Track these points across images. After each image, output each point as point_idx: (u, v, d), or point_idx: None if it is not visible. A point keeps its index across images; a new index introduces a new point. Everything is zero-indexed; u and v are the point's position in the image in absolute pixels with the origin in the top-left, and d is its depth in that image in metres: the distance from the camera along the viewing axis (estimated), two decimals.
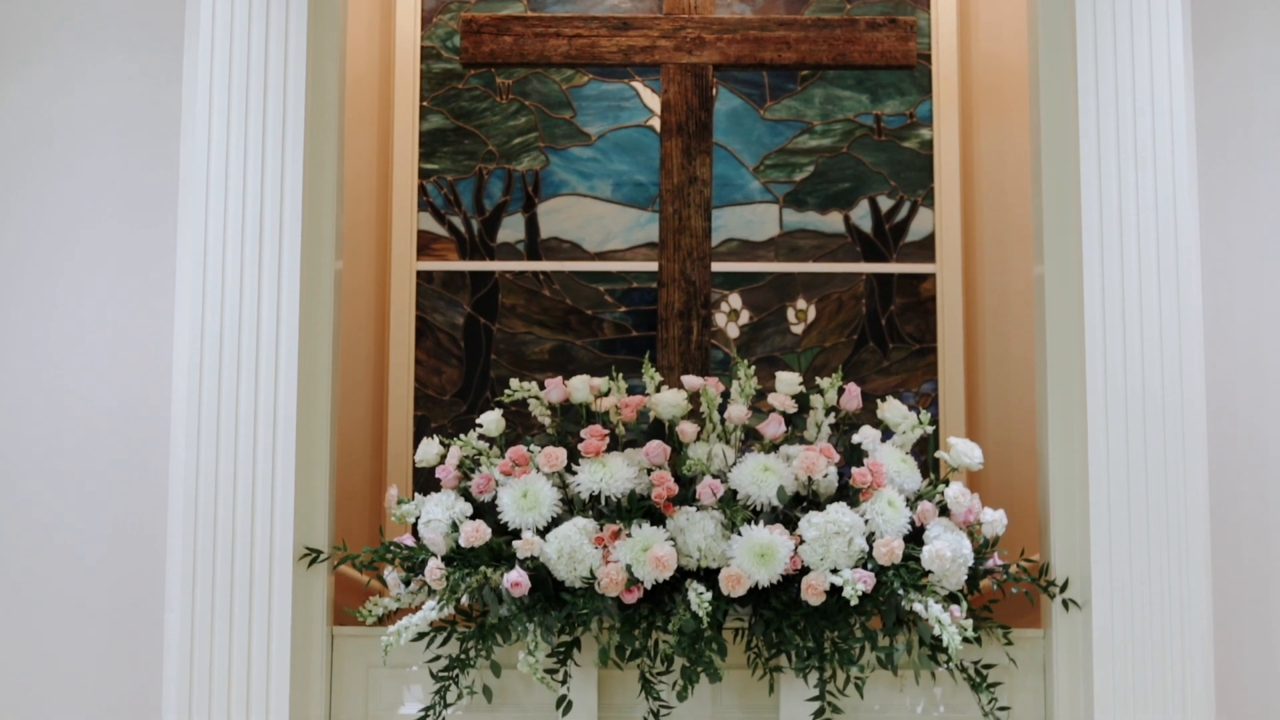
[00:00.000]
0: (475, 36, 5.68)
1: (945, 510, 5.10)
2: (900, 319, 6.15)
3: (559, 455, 5.05)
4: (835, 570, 4.91)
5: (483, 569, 4.95)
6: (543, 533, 4.97)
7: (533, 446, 5.11)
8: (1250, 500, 5.40)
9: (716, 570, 4.94)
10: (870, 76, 6.17)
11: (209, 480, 5.04)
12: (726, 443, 5.15)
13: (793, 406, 5.21)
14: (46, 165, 5.49)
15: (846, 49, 5.65)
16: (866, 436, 5.16)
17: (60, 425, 5.39)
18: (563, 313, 6.17)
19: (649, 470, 5.05)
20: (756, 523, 4.95)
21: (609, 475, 5.01)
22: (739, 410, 5.15)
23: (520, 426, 5.58)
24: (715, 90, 5.88)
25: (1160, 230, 5.13)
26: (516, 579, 4.90)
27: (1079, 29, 5.19)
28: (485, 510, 5.06)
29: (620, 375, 5.28)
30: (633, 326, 6.16)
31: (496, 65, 5.86)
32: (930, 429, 5.20)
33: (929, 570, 4.96)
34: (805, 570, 4.93)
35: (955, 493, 5.08)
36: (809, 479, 5.03)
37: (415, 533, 5.12)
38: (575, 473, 5.04)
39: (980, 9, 6.17)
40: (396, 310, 6.12)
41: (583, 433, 5.08)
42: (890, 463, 5.09)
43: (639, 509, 4.99)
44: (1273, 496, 5.40)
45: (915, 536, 5.04)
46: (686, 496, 5.03)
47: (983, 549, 5.12)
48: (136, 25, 5.53)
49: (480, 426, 5.19)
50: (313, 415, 5.15)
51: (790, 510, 5.00)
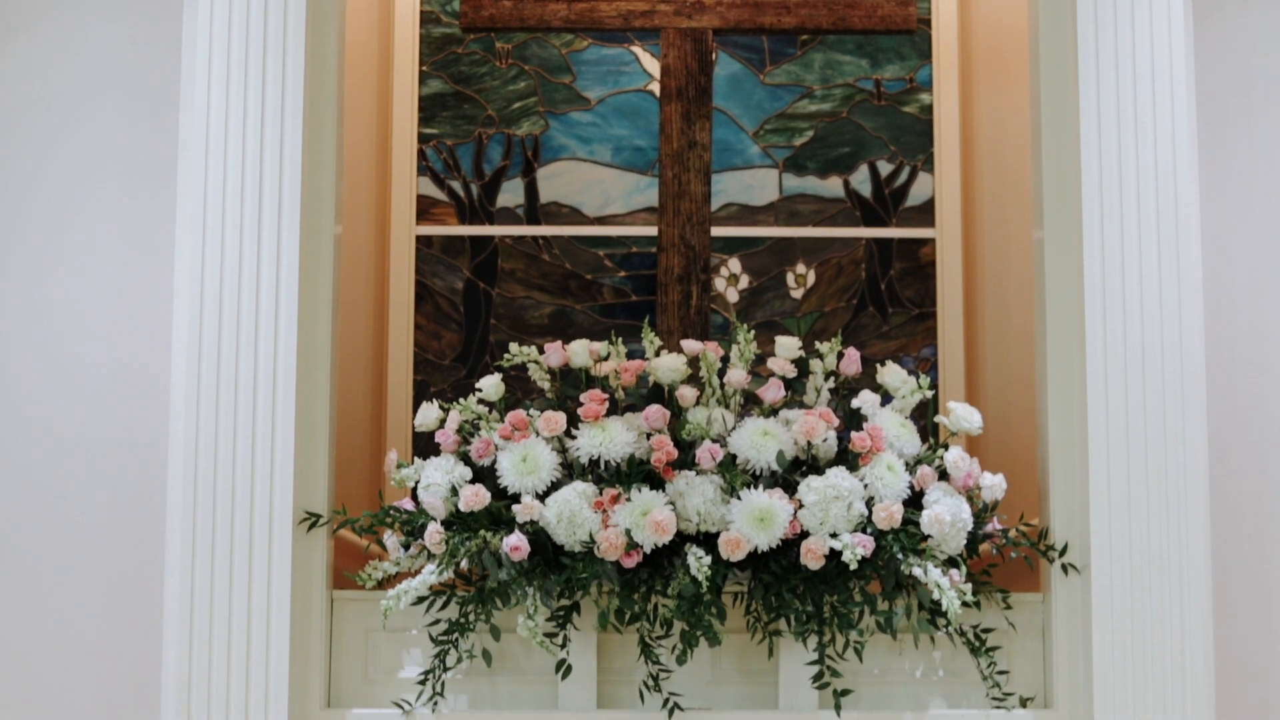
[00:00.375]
0: (475, 1, 5.67)
1: (944, 475, 5.10)
2: (900, 284, 6.14)
3: (558, 420, 5.05)
4: (834, 534, 4.92)
5: (482, 533, 4.96)
6: (542, 497, 4.98)
7: (532, 411, 5.11)
8: (1249, 464, 5.40)
9: (716, 534, 4.94)
10: (870, 41, 6.16)
11: (209, 445, 5.04)
12: (726, 407, 5.14)
13: (792, 371, 5.20)
14: (46, 133, 5.48)
15: (846, 13, 5.64)
16: (866, 401, 5.15)
17: (60, 390, 5.39)
18: (562, 277, 6.17)
19: (648, 435, 5.05)
20: (756, 487, 4.95)
21: (608, 440, 5.01)
22: (738, 375, 5.15)
23: (520, 391, 5.59)
24: (715, 55, 5.87)
25: (1160, 195, 5.13)
26: (516, 543, 4.91)
27: None
28: (485, 474, 5.06)
29: (620, 340, 5.27)
30: (632, 291, 6.16)
31: (496, 30, 5.85)
32: (929, 394, 5.20)
33: (928, 534, 4.96)
34: (804, 534, 4.94)
35: (954, 457, 5.08)
36: (808, 443, 5.03)
37: (415, 497, 5.13)
38: (575, 437, 5.04)
39: None
40: (396, 275, 6.11)
41: (582, 397, 5.08)
42: (889, 427, 5.09)
43: (638, 473, 4.99)
44: (1271, 461, 5.40)
45: (914, 501, 5.04)
46: (686, 461, 5.02)
47: (982, 513, 5.12)
48: None
49: (480, 391, 5.18)
50: (312, 380, 5.15)
51: (789, 475, 5.00)
